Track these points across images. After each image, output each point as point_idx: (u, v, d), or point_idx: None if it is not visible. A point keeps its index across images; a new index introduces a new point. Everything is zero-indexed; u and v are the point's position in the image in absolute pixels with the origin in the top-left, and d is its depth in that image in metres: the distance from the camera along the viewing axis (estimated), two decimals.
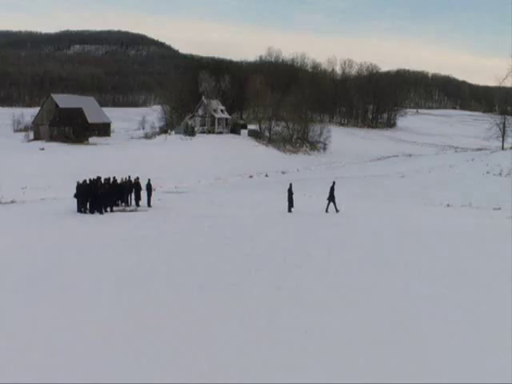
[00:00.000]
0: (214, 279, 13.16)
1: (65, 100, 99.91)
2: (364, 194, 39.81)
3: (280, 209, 27.47)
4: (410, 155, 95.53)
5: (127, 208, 28.40)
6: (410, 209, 30.61)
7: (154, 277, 13.38)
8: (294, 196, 27.33)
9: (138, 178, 29.86)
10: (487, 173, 50.65)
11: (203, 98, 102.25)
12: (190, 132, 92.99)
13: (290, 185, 27.57)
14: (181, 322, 9.92)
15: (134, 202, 29.29)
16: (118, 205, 28.43)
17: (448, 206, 32.68)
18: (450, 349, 8.81)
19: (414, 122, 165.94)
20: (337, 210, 26.85)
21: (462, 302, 11.50)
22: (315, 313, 10.54)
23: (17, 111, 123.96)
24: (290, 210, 27.02)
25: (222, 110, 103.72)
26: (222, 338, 9.12)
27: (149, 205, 29.04)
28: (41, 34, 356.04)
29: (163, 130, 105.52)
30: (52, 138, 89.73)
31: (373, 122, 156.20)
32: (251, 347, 8.66)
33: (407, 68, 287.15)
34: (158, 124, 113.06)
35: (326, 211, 26.90)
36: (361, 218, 25.13)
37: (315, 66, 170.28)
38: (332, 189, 26.98)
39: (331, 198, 27.01)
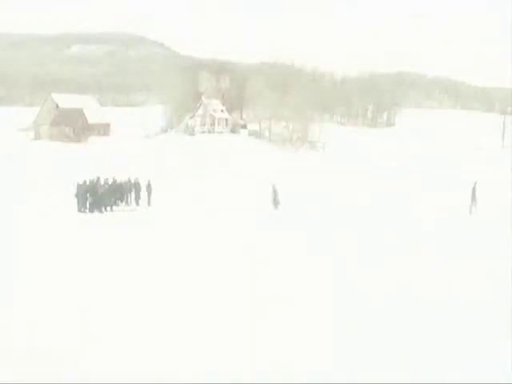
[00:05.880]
0: (211, 279, 13.18)
1: (65, 100, 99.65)
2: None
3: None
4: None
5: (127, 208, 28.40)
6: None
7: (153, 276, 13.39)
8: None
9: (137, 178, 29.87)
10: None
11: (203, 97, 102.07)
12: (190, 132, 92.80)
13: (273, 186, 27.91)
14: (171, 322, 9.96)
15: (133, 202, 29.30)
16: (117, 205, 28.44)
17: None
18: (449, 349, 8.82)
19: (414, 122, 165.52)
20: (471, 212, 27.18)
21: (462, 302, 11.51)
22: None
23: (17, 111, 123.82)
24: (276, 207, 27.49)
25: (222, 110, 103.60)
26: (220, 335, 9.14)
27: (149, 205, 29.06)
28: (41, 34, 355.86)
29: (163, 130, 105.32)
30: (52, 138, 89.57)
31: (373, 122, 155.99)
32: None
33: (407, 68, 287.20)
34: (158, 124, 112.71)
35: (470, 213, 27.30)
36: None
37: (315, 67, 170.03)
38: (474, 190, 27.55)
39: (474, 199, 27.42)
